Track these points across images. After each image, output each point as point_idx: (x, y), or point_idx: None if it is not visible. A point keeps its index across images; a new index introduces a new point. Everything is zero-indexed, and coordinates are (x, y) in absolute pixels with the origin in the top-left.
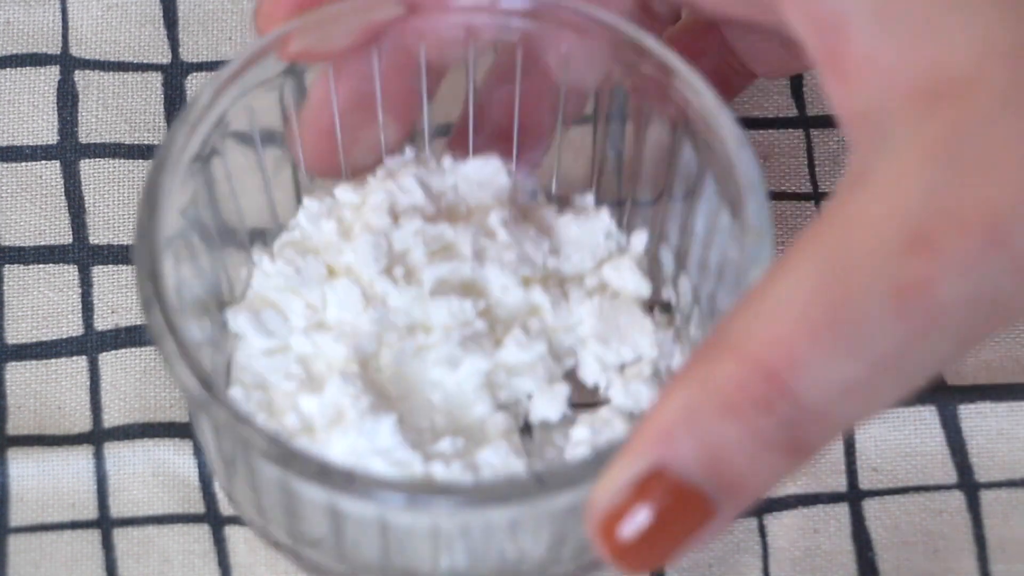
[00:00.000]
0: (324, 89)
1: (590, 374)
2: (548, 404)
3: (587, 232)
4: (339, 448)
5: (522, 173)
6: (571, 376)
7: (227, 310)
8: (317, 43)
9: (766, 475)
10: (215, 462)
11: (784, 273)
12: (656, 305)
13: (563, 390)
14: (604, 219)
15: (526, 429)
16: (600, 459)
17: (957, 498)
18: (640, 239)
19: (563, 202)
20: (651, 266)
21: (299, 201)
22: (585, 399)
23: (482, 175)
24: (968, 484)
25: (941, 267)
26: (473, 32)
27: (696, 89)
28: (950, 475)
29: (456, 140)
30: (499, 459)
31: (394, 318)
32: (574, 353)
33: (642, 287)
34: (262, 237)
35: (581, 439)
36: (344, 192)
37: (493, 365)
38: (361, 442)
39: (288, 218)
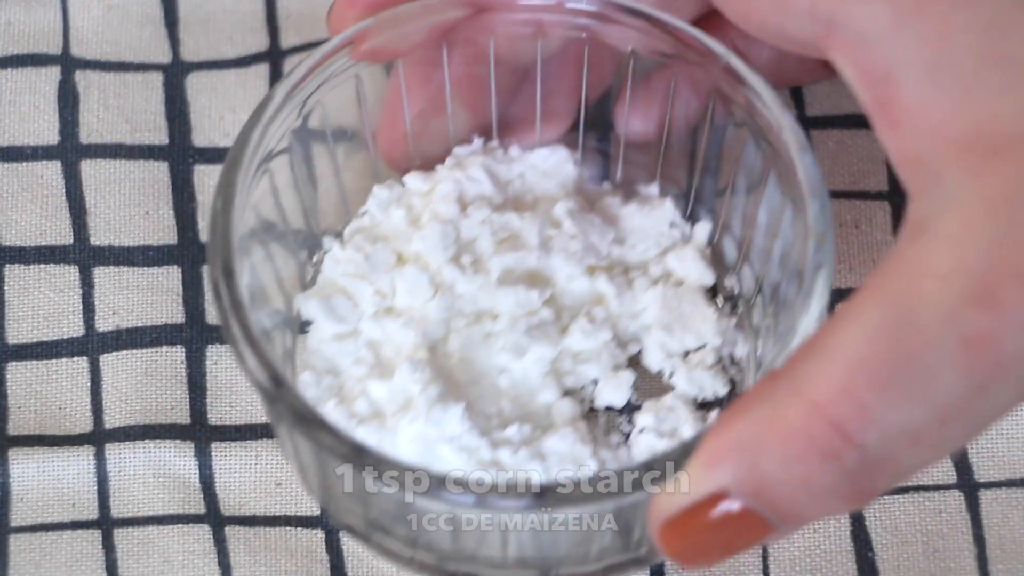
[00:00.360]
0: (397, 83)
1: (654, 361)
2: (613, 390)
3: (652, 221)
4: (407, 435)
5: (588, 163)
6: (635, 362)
7: (298, 296)
8: (388, 42)
9: (825, 512)
10: (285, 450)
11: (850, 320)
12: (719, 294)
13: (628, 377)
14: (668, 209)
15: (591, 414)
16: (663, 461)
17: (956, 498)
18: (704, 229)
19: (628, 191)
20: (714, 255)
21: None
22: (649, 386)
23: (548, 164)
24: (967, 484)
25: (1006, 321)
26: (542, 28)
27: (759, 92)
28: (949, 475)
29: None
30: (565, 446)
31: (461, 305)
32: (638, 340)
33: (705, 276)
34: (333, 225)
35: (645, 425)
36: (414, 180)
37: (559, 352)
38: (430, 429)
39: (358, 206)
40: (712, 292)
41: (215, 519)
